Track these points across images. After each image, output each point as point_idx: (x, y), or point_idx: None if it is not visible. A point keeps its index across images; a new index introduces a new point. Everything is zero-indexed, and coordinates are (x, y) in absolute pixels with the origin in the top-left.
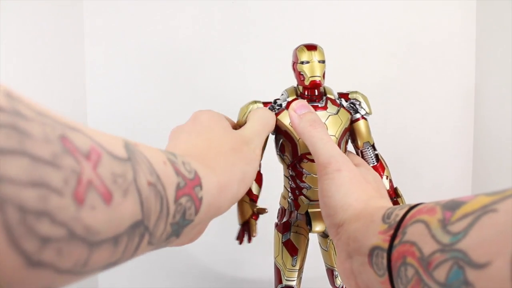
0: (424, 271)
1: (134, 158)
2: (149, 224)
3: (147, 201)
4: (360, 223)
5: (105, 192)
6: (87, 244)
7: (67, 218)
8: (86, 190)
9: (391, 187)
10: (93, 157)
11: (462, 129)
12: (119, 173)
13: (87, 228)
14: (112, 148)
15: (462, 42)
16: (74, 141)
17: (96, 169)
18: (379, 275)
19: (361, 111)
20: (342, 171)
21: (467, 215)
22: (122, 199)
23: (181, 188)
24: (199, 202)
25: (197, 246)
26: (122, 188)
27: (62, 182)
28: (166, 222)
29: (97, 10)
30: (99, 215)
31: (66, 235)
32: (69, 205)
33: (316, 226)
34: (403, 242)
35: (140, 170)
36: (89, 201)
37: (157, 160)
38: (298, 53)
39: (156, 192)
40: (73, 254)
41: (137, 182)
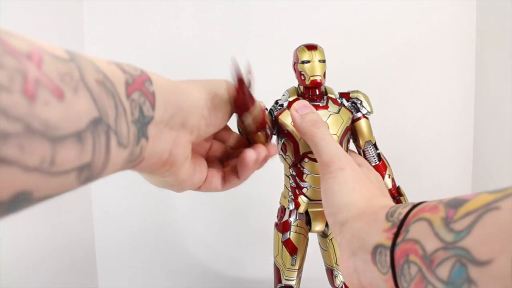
0: (427, 269)
1: (77, 59)
2: (109, 121)
3: (99, 98)
4: (363, 221)
5: (55, 88)
6: (48, 139)
7: (21, 113)
8: (35, 86)
9: (394, 186)
10: (34, 58)
11: (462, 129)
12: (65, 72)
13: (44, 122)
14: (52, 51)
15: (462, 42)
16: (13, 43)
17: (41, 69)
18: (383, 272)
19: (362, 110)
20: (345, 170)
21: (470, 213)
22: (73, 96)
23: (130, 84)
24: (152, 96)
25: (197, 246)
26: (71, 86)
27: (7, 80)
28: (126, 120)
29: (97, 10)
30: (54, 110)
31: (24, 130)
32: (20, 101)
33: (316, 226)
34: (406, 240)
35: (85, 69)
36: (41, 97)
37: (100, 61)
38: (299, 53)
39: (106, 89)
40: (36, 150)
41: (85, 80)
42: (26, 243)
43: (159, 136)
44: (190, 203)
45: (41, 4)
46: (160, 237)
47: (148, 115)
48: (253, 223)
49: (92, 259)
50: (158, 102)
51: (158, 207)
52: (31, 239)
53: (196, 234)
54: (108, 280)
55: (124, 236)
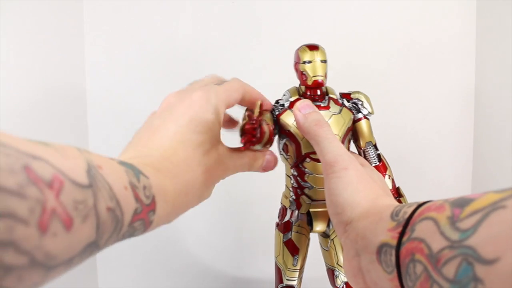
0: (433, 268)
1: (96, 184)
2: (100, 243)
3: (104, 224)
4: (368, 220)
5: (66, 219)
6: (45, 269)
7: (31, 247)
8: (50, 218)
9: (394, 187)
10: (55, 185)
11: (462, 129)
12: (80, 200)
13: (47, 254)
14: (74, 175)
15: (462, 42)
16: (37, 170)
17: (59, 197)
18: (388, 272)
19: (363, 110)
20: (349, 169)
21: (476, 212)
22: (81, 224)
23: (138, 214)
24: (149, 225)
25: (197, 246)
26: (82, 214)
27: (27, 212)
28: (114, 239)
29: (97, 10)
30: (59, 241)
31: (28, 263)
32: (33, 234)
33: (317, 226)
34: (412, 239)
35: (100, 196)
36: (52, 229)
37: (119, 185)
38: (300, 53)
39: (114, 217)
40: (32, 279)
41: (97, 208)
42: None
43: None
44: None
45: (41, 4)
46: (160, 237)
47: (134, 235)
48: (253, 223)
49: (92, 259)
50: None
51: None
52: None
53: (196, 234)
54: (108, 280)
55: None
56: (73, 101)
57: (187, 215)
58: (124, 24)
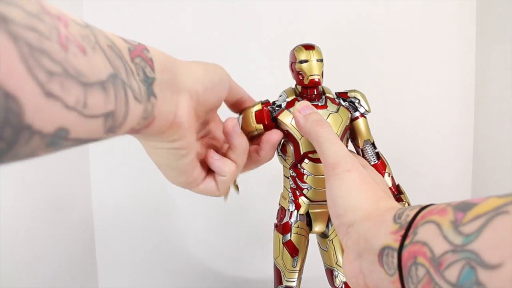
0: (435, 271)
1: (91, 26)
2: (123, 78)
3: (112, 58)
4: (371, 223)
5: (79, 45)
6: (80, 83)
7: (60, 59)
8: (66, 41)
9: (393, 184)
10: (63, 20)
11: (462, 129)
12: (84, 34)
13: (76, 69)
14: (73, 17)
15: (462, 42)
16: (47, 6)
17: (67, 29)
18: (390, 274)
19: (360, 109)
20: (352, 171)
21: (479, 217)
22: (93, 53)
23: (132, 51)
24: (150, 61)
25: (197, 246)
26: (90, 45)
27: (48, 31)
28: (135, 79)
29: (97, 10)
30: (81, 61)
31: (63, 72)
32: (58, 49)
33: (316, 227)
34: (414, 242)
35: (98, 35)
36: (71, 49)
37: (107, 31)
38: (296, 52)
39: (115, 53)
40: (73, 90)
41: (99, 43)
42: (26, 242)
43: (163, 97)
44: (190, 203)
45: None
46: (160, 237)
47: (151, 76)
48: (253, 223)
49: (92, 259)
50: (156, 66)
51: (158, 207)
52: (31, 239)
53: (196, 234)
54: (108, 280)
55: (124, 236)
56: None
57: (187, 215)
58: (124, 24)
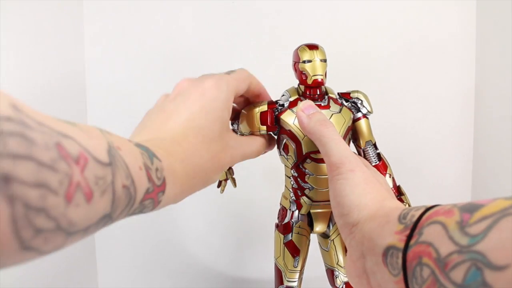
0: (441, 272)
1: (115, 163)
2: (114, 216)
3: (118, 200)
4: (375, 223)
5: (88, 192)
6: (66, 234)
7: (58, 214)
8: (75, 190)
9: (394, 185)
10: (81, 162)
11: (462, 129)
12: (100, 176)
13: (69, 221)
14: (97, 154)
15: (462, 42)
16: (67, 147)
17: (83, 173)
18: (394, 274)
19: (362, 110)
20: (356, 171)
21: (486, 218)
22: (99, 198)
23: (149, 193)
24: (157, 204)
25: (197, 246)
26: (101, 189)
27: (58, 184)
28: (126, 214)
29: (97, 10)
30: (80, 211)
31: (54, 228)
32: (61, 203)
33: (317, 227)
34: (420, 242)
35: (118, 174)
36: (76, 200)
37: (135, 165)
38: (300, 52)
39: (128, 194)
40: (55, 242)
41: (114, 185)
42: None
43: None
44: (190, 203)
45: (41, 4)
46: (160, 237)
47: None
48: (253, 223)
49: (92, 259)
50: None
51: None
52: None
53: (196, 234)
54: (108, 280)
55: (124, 236)
56: (73, 100)
57: (187, 215)
58: (124, 24)
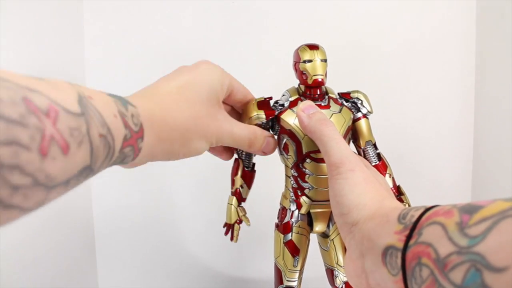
0: (440, 272)
1: (87, 112)
2: (95, 167)
3: (97, 149)
4: (375, 222)
5: (63, 144)
6: (46, 188)
7: (33, 169)
8: (49, 144)
9: (394, 185)
10: (52, 114)
11: (462, 129)
12: (74, 127)
13: (47, 176)
14: (67, 105)
15: (462, 42)
16: (35, 101)
17: (56, 125)
18: (393, 274)
19: (362, 110)
20: (356, 171)
21: (486, 219)
22: (77, 149)
23: (127, 140)
24: (138, 151)
25: (197, 246)
26: (77, 140)
27: (29, 139)
28: (107, 164)
29: (97, 10)
30: (57, 164)
31: (31, 183)
32: (35, 158)
33: (317, 226)
34: (419, 242)
35: (92, 123)
36: (51, 153)
37: (109, 113)
38: (300, 52)
39: (106, 143)
40: (35, 197)
41: (90, 134)
42: (26, 242)
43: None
44: (190, 202)
45: (41, 4)
46: (160, 237)
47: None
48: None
49: (92, 259)
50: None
51: (158, 206)
52: (31, 239)
53: (196, 234)
54: (108, 280)
55: (124, 236)
56: None
57: (187, 215)
58: (124, 24)
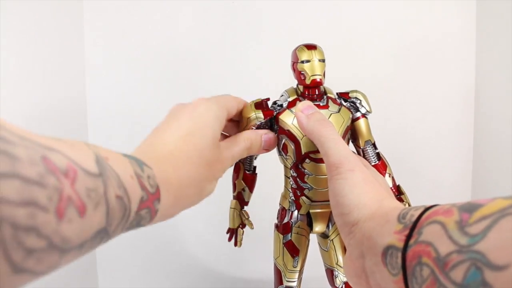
0: (440, 271)
1: (105, 173)
2: (110, 230)
3: (113, 211)
4: (375, 222)
5: (80, 205)
6: (60, 252)
7: (50, 232)
8: (66, 205)
9: (394, 185)
10: (70, 174)
11: (462, 129)
12: (92, 188)
13: (63, 238)
14: (85, 165)
15: (462, 42)
16: (54, 160)
17: (74, 185)
18: (393, 274)
19: (361, 109)
20: (355, 171)
21: (485, 218)
22: (93, 211)
23: (144, 202)
24: (155, 213)
25: (197, 246)
26: (94, 201)
27: (47, 200)
28: (122, 227)
29: (97, 10)
30: (74, 226)
31: (46, 246)
32: (52, 220)
33: (317, 227)
34: (419, 242)
35: (110, 184)
36: (68, 215)
37: (125, 174)
38: (298, 52)
39: (122, 204)
40: (48, 261)
41: (107, 195)
42: None
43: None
44: None
45: (41, 4)
46: (160, 237)
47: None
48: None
49: (92, 259)
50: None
51: None
52: None
53: (196, 234)
54: (108, 280)
55: (124, 236)
56: (73, 100)
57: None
58: (124, 24)
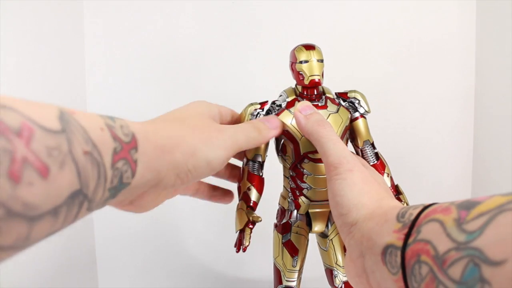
0: (439, 269)
1: (69, 128)
2: (88, 192)
3: (84, 170)
4: (374, 222)
5: (41, 166)
6: (26, 220)
7: (4, 198)
8: (21, 167)
9: (392, 185)
10: (25, 133)
11: (462, 129)
12: (53, 146)
13: (25, 204)
14: (45, 122)
15: (462, 42)
16: (4, 119)
17: (29, 145)
18: (393, 273)
19: (360, 109)
20: (354, 171)
21: (483, 214)
22: (59, 171)
23: (118, 153)
24: (134, 164)
25: (197, 246)
26: (58, 160)
27: None
28: (104, 188)
29: (97, 10)
30: (37, 190)
31: (4, 214)
32: (5, 184)
33: (316, 226)
34: (418, 240)
35: (75, 140)
36: (26, 178)
37: (94, 126)
38: (297, 53)
39: (93, 160)
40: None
41: (73, 153)
42: None
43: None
44: (190, 203)
45: (41, 4)
46: (160, 237)
47: (126, 182)
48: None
49: (92, 259)
50: (139, 170)
51: (158, 207)
52: None
53: (196, 234)
54: (108, 280)
55: (124, 236)
56: (73, 100)
57: (187, 215)
58: (124, 24)
